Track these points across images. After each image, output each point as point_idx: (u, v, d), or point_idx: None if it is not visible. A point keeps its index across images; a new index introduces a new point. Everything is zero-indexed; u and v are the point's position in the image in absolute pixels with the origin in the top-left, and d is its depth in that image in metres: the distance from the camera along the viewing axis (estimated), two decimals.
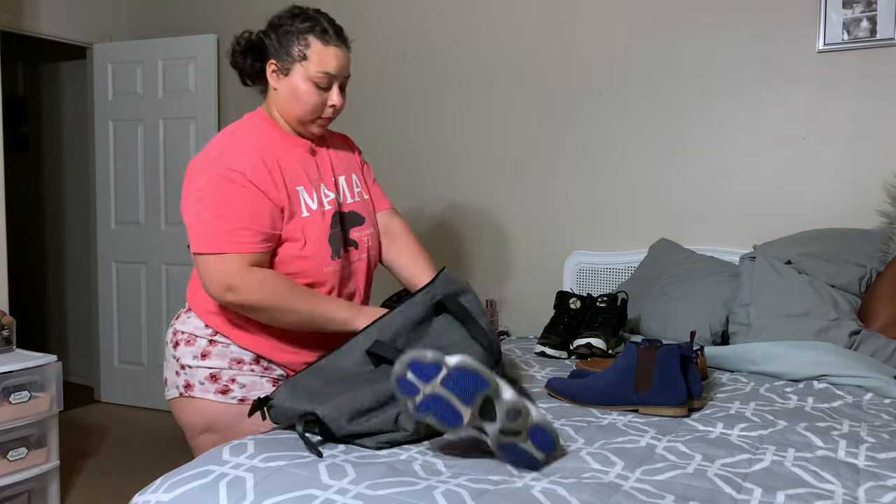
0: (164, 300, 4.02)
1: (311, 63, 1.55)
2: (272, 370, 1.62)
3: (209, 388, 1.59)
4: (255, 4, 3.74)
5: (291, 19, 1.58)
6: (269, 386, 1.61)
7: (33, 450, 2.65)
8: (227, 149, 1.54)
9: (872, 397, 1.70)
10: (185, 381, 1.60)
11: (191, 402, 1.60)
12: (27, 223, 4.94)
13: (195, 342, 1.61)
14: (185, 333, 1.63)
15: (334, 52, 1.57)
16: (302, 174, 1.60)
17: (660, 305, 2.34)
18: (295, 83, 1.57)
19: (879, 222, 2.39)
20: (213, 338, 1.60)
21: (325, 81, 1.57)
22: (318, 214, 1.60)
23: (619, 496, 1.09)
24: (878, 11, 2.38)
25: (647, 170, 2.81)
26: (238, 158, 1.51)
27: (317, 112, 1.60)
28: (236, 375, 1.59)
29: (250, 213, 1.48)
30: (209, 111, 3.84)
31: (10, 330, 2.76)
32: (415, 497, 1.06)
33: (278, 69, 1.58)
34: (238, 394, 1.59)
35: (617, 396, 1.56)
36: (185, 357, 1.61)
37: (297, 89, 1.57)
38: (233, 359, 1.60)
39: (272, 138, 1.60)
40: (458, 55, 3.18)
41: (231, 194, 1.48)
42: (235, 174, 1.49)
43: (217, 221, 1.47)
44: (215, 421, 1.59)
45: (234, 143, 1.55)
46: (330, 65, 1.56)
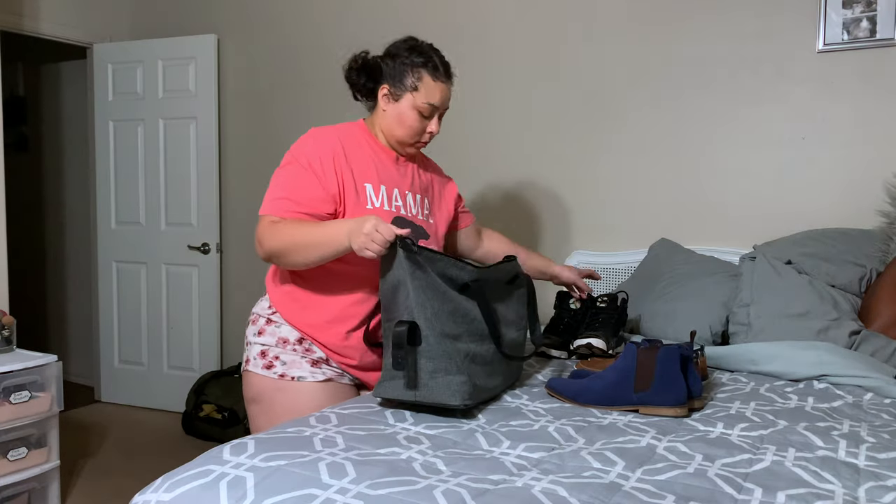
0: (164, 300, 4.02)
1: (419, 94, 1.75)
2: (313, 352, 1.76)
3: (258, 363, 1.77)
4: (255, 4, 3.74)
5: (409, 52, 1.77)
6: (307, 366, 1.75)
7: (33, 450, 2.65)
8: (309, 137, 1.74)
9: (872, 397, 1.70)
10: (246, 356, 1.82)
11: (247, 375, 1.80)
12: (27, 223, 4.94)
13: (258, 321, 1.81)
14: (254, 314, 1.84)
15: (441, 87, 1.78)
16: (373, 174, 1.76)
17: (660, 305, 2.34)
18: (402, 109, 1.76)
19: (879, 222, 2.39)
20: (271, 317, 1.79)
21: (429, 112, 1.77)
22: (383, 211, 1.75)
23: (619, 496, 1.09)
24: (878, 11, 2.38)
25: (647, 170, 2.81)
26: (310, 147, 1.71)
27: (416, 137, 1.79)
28: (280, 353, 1.76)
29: (295, 188, 1.66)
30: (209, 111, 3.84)
31: (10, 330, 2.76)
32: (415, 497, 1.06)
33: (390, 94, 1.77)
34: (279, 370, 1.75)
35: (617, 396, 1.56)
36: (250, 335, 1.82)
37: (404, 115, 1.76)
38: (280, 338, 1.76)
39: (357, 139, 1.78)
40: (458, 55, 3.18)
41: (289, 172, 1.69)
42: (302, 157, 1.69)
43: (272, 191, 1.69)
44: (259, 393, 1.77)
45: (316, 136, 1.74)
46: (436, 98, 1.77)
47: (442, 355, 1.46)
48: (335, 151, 1.71)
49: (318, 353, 1.77)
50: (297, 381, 1.74)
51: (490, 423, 1.47)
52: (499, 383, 1.63)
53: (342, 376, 1.80)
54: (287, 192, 1.66)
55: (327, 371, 1.77)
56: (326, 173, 1.68)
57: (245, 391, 1.83)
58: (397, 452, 1.26)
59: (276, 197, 1.67)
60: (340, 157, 1.72)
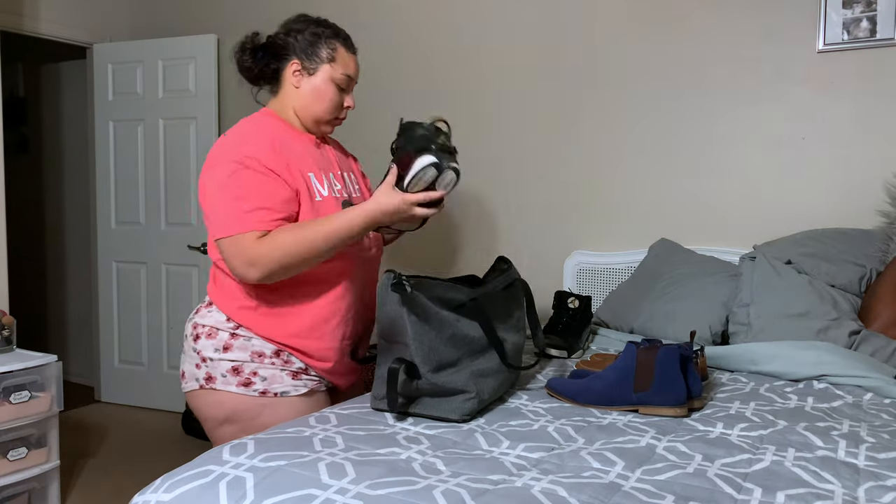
0: (164, 300, 4.02)
1: (336, 66, 1.69)
2: (292, 363, 1.68)
3: (231, 381, 1.64)
4: (255, 4, 3.74)
5: (315, 24, 1.72)
6: (288, 379, 1.66)
7: (33, 450, 2.65)
8: (240, 139, 1.61)
9: (872, 397, 1.70)
10: (206, 373, 1.65)
11: (212, 394, 1.65)
12: (27, 223, 4.94)
13: (217, 335, 1.66)
14: (206, 327, 1.67)
15: (353, 59, 1.73)
16: (311, 162, 1.68)
17: (660, 305, 2.34)
18: (318, 83, 1.69)
19: (879, 222, 2.39)
20: (235, 331, 1.66)
21: (346, 83, 1.71)
22: (331, 199, 1.67)
23: (619, 496, 1.09)
24: (878, 11, 2.38)
25: (647, 170, 2.81)
26: (251, 146, 1.59)
27: (335, 112, 1.72)
28: (258, 368, 1.64)
29: (265, 195, 1.55)
30: (209, 111, 3.84)
31: (10, 330, 2.76)
32: (414, 497, 1.06)
33: (303, 69, 1.70)
34: (259, 386, 1.64)
35: (617, 396, 1.56)
36: (206, 350, 1.65)
37: (320, 89, 1.69)
38: (254, 352, 1.65)
39: (280, 131, 1.69)
40: (457, 55, 3.18)
41: (246, 178, 1.55)
42: (249, 160, 1.57)
43: (234, 204, 1.54)
44: (236, 412, 1.64)
45: (247, 133, 1.63)
46: (351, 68, 1.71)
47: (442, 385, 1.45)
48: (275, 145, 1.61)
49: (297, 363, 1.68)
50: (281, 398, 1.65)
51: (490, 423, 1.47)
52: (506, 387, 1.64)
53: (320, 384, 1.74)
54: (258, 201, 1.54)
55: (308, 382, 1.70)
56: (283, 170, 1.59)
57: (209, 412, 1.66)
58: (397, 452, 1.26)
59: (248, 209, 1.53)
60: (281, 150, 1.62)
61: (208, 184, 1.58)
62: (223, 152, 1.59)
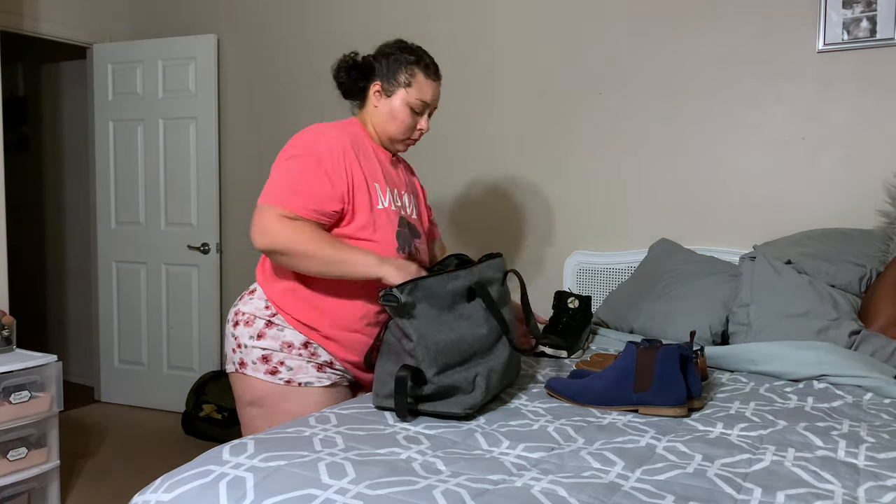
0: (164, 300, 4.02)
1: (412, 90, 1.79)
2: (318, 356, 1.75)
3: (260, 368, 1.73)
4: (255, 4, 3.74)
5: (401, 51, 1.81)
6: (313, 370, 1.74)
7: (33, 450, 2.65)
8: (319, 132, 1.72)
9: (872, 397, 1.70)
10: (240, 358, 1.76)
11: (244, 378, 1.76)
12: (27, 223, 4.94)
13: (253, 323, 1.75)
14: (245, 314, 1.77)
15: (432, 85, 1.82)
16: (380, 174, 1.78)
17: (660, 305, 2.34)
18: (394, 105, 1.79)
19: (879, 222, 2.39)
20: (271, 319, 1.75)
21: (421, 108, 1.81)
22: (390, 211, 1.77)
23: (619, 496, 1.09)
24: (878, 11, 2.38)
25: (646, 170, 2.81)
26: (321, 143, 1.69)
27: (408, 133, 1.82)
28: (285, 359, 1.73)
29: (305, 183, 1.64)
30: (209, 111, 3.84)
31: (10, 330, 2.76)
32: (414, 497, 1.06)
33: (382, 90, 1.80)
34: (285, 376, 1.73)
35: (617, 396, 1.56)
36: (242, 336, 1.76)
37: (396, 110, 1.79)
38: (284, 342, 1.73)
39: (362, 139, 1.80)
40: (457, 54, 3.18)
41: (300, 165, 1.66)
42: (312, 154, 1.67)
43: (280, 180, 1.65)
44: (261, 397, 1.75)
45: (324, 133, 1.72)
46: (427, 95, 1.81)
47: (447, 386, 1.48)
48: (345, 149, 1.71)
49: (324, 356, 1.75)
50: (305, 387, 1.73)
51: (489, 423, 1.47)
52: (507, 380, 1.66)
53: (343, 378, 1.80)
54: (297, 186, 1.63)
55: (332, 375, 1.76)
56: (337, 171, 1.67)
57: (241, 393, 1.79)
58: (397, 452, 1.26)
59: (286, 190, 1.63)
60: (351, 155, 1.71)
61: (276, 160, 1.71)
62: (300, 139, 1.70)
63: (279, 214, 1.61)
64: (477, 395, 1.49)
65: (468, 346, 1.55)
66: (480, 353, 1.58)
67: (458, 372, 1.51)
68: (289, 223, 1.60)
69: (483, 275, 1.68)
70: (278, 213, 1.61)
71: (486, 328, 1.60)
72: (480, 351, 1.58)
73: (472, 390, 1.50)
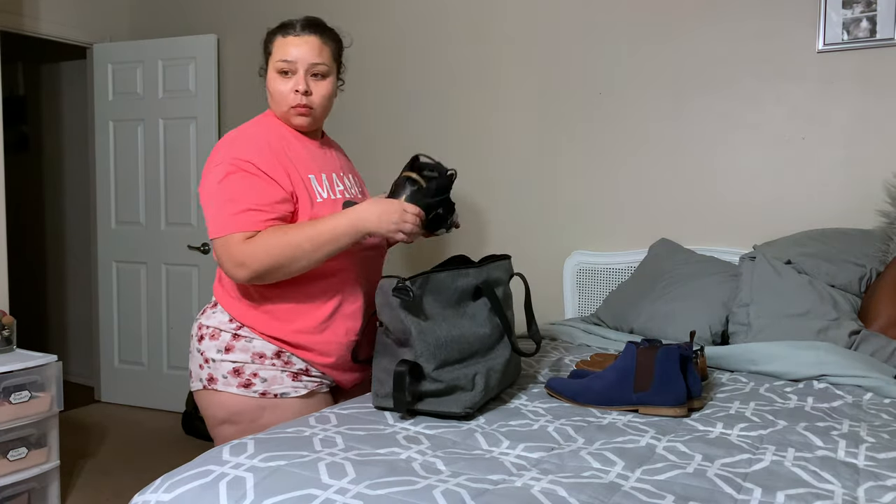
0: (164, 300, 4.02)
1: (274, 56, 1.70)
2: (292, 364, 1.68)
3: (231, 382, 1.65)
4: (255, 4, 3.74)
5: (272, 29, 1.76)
6: (288, 380, 1.67)
7: (33, 450, 2.65)
8: (235, 141, 1.64)
9: (872, 397, 1.70)
10: (208, 374, 1.68)
11: (214, 395, 1.67)
12: (27, 223, 4.94)
13: (220, 336, 1.68)
14: (209, 328, 1.69)
15: (292, 41, 1.69)
16: (311, 164, 1.70)
17: (660, 305, 2.34)
18: (269, 79, 1.71)
19: (879, 222, 2.39)
20: (237, 332, 1.67)
21: (287, 68, 1.67)
22: (331, 201, 1.69)
23: (619, 496, 1.09)
24: (878, 11, 2.38)
25: (646, 170, 2.81)
26: (244, 148, 1.61)
27: (286, 100, 1.68)
28: (258, 370, 1.65)
29: (256, 195, 1.56)
30: (209, 111, 3.84)
31: (10, 330, 2.76)
32: (414, 497, 1.06)
33: (263, 73, 1.75)
34: (259, 388, 1.65)
35: (617, 397, 1.56)
36: (209, 351, 1.68)
37: (269, 84, 1.71)
38: (255, 353, 1.66)
39: (281, 132, 1.71)
40: (458, 54, 3.18)
41: (238, 181, 1.57)
42: (242, 162, 1.59)
43: (226, 207, 1.56)
44: (236, 413, 1.66)
45: (242, 136, 1.65)
46: (287, 53, 1.68)
47: (445, 383, 1.47)
48: (272, 147, 1.63)
49: (298, 363, 1.68)
50: (281, 399, 1.66)
51: (489, 423, 1.47)
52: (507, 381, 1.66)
53: (321, 385, 1.73)
54: (249, 202, 1.55)
55: (308, 383, 1.70)
56: (275, 169, 1.60)
57: (213, 411, 1.68)
58: (397, 452, 1.26)
59: (237, 211, 1.54)
60: (281, 153, 1.64)
61: (205, 186, 1.62)
62: (219, 155, 1.62)
63: (241, 239, 1.54)
64: (476, 393, 1.49)
65: (469, 345, 1.54)
66: (481, 352, 1.58)
67: (458, 369, 1.50)
68: (254, 242, 1.53)
69: (491, 275, 1.68)
70: (240, 239, 1.54)
71: (488, 328, 1.60)
72: (481, 350, 1.58)
73: (472, 388, 1.50)
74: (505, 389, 1.71)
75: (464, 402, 1.47)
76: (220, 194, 1.57)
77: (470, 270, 1.62)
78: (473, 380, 1.51)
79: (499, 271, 1.72)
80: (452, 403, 1.47)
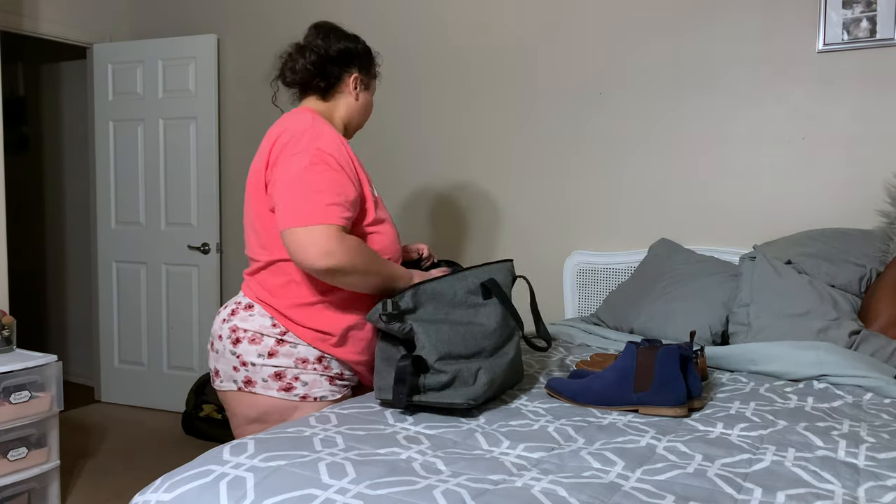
0: (164, 300, 4.02)
1: (375, 84, 1.88)
2: (331, 369, 1.72)
3: (272, 385, 1.68)
4: (255, 4, 3.74)
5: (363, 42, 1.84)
6: (327, 384, 1.71)
7: (33, 450, 2.65)
8: (316, 134, 1.65)
9: (872, 397, 1.70)
10: (245, 377, 1.69)
11: (249, 397, 1.70)
12: (27, 223, 4.94)
13: (262, 341, 1.68)
14: (248, 331, 1.69)
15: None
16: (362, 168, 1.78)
17: (660, 305, 2.34)
18: (369, 97, 1.85)
19: (879, 222, 2.39)
20: (282, 337, 1.69)
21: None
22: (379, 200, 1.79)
23: (619, 496, 1.09)
24: (878, 11, 2.38)
25: (647, 170, 2.81)
26: (327, 142, 1.64)
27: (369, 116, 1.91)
28: (300, 374, 1.69)
29: (339, 191, 1.60)
30: (209, 111, 3.84)
31: (10, 330, 2.76)
32: (415, 497, 1.06)
33: (361, 82, 1.82)
34: (300, 391, 1.69)
35: (617, 397, 1.56)
36: (248, 354, 1.68)
37: (370, 103, 1.86)
38: (298, 358, 1.69)
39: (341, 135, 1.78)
40: (458, 54, 3.18)
41: (322, 173, 1.60)
42: (327, 156, 1.62)
43: (315, 196, 1.57)
44: (267, 413, 1.70)
45: (320, 130, 1.66)
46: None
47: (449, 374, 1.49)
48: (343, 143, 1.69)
49: (335, 367, 1.72)
50: (319, 401, 1.71)
51: (490, 423, 1.47)
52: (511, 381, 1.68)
53: (349, 387, 1.79)
54: (334, 197, 1.58)
55: (342, 388, 1.75)
56: (351, 170, 1.65)
57: (244, 410, 1.71)
58: (397, 452, 1.26)
59: (328, 203, 1.57)
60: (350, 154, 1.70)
61: (285, 172, 1.61)
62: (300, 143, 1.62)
63: (335, 232, 1.56)
64: (479, 387, 1.50)
65: (475, 341, 1.56)
66: (488, 350, 1.59)
67: (462, 363, 1.52)
68: (347, 241, 1.56)
69: (492, 274, 1.71)
70: (334, 231, 1.56)
71: (496, 324, 1.62)
72: (488, 349, 1.59)
73: (474, 382, 1.51)
74: (507, 391, 1.71)
75: (466, 395, 1.48)
76: (305, 184, 1.58)
77: (466, 273, 1.65)
78: (476, 374, 1.52)
79: (501, 274, 1.74)
80: (455, 395, 1.48)
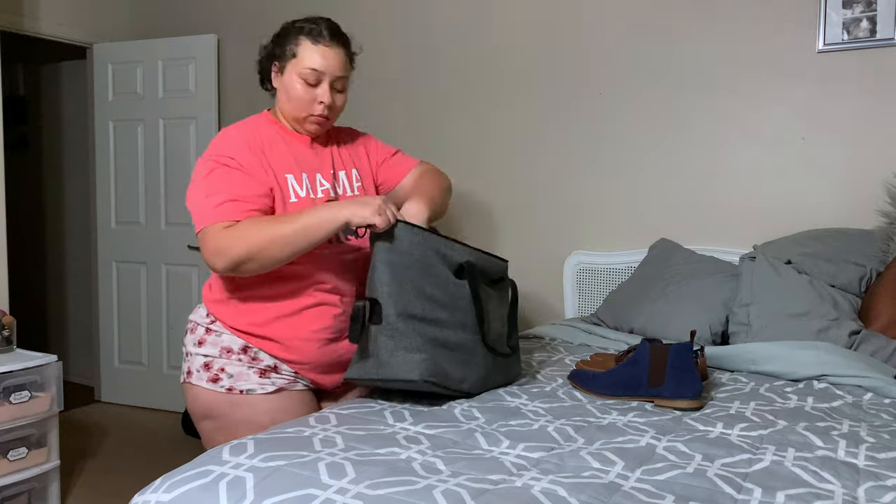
0: (164, 300, 4.02)
1: (299, 60, 1.65)
2: (259, 360, 1.66)
3: (203, 376, 1.67)
4: (255, 4, 3.74)
5: (292, 23, 1.71)
6: (255, 377, 1.65)
7: (33, 450, 2.65)
8: (218, 141, 1.67)
9: (872, 397, 1.70)
10: (187, 367, 1.71)
11: (190, 389, 1.70)
12: (27, 223, 4.94)
13: (196, 330, 1.71)
14: (191, 322, 1.74)
15: (322, 51, 1.65)
16: (291, 163, 1.69)
17: (660, 305, 2.34)
18: (287, 80, 1.67)
19: (879, 222, 2.39)
20: (210, 326, 1.69)
21: (313, 78, 1.65)
22: (308, 201, 1.67)
23: (619, 496, 1.09)
24: (878, 11, 2.38)
25: (646, 170, 2.81)
26: (225, 146, 1.64)
27: (306, 108, 1.67)
28: (225, 365, 1.66)
29: (235, 189, 1.58)
30: (209, 111, 3.84)
31: (10, 330, 2.76)
32: (414, 497, 1.06)
33: (278, 69, 1.71)
34: (226, 383, 1.65)
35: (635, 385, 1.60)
36: (188, 344, 1.72)
37: (289, 86, 1.67)
38: (223, 347, 1.67)
39: (266, 132, 1.71)
40: (458, 54, 3.18)
41: (219, 175, 1.60)
42: (223, 158, 1.62)
43: (206, 200, 1.58)
44: (210, 408, 1.67)
45: (223, 137, 1.68)
46: (316, 62, 1.64)
47: (402, 334, 1.49)
48: (251, 146, 1.64)
49: (266, 360, 1.66)
50: (247, 395, 1.64)
51: (489, 423, 1.47)
52: (478, 377, 1.62)
53: (295, 383, 1.69)
54: (228, 195, 1.56)
55: (277, 380, 1.66)
56: (255, 168, 1.61)
57: (192, 406, 1.70)
58: (397, 452, 1.26)
59: (218, 203, 1.55)
60: (258, 151, 1.64)
61: (191, 185, 1.65)
62: (205, 156, 1.65)
63: (220, 229, 1.54)
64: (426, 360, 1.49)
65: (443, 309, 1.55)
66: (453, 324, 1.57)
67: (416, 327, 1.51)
68: (232, 230, 1.53)
69: (479, 262, 1.67)
70: (219, 228, 1.54)
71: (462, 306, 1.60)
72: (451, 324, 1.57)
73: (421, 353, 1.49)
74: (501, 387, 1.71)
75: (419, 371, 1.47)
76: (201, 189, 1.60)
77: (456, 245, 1.62)
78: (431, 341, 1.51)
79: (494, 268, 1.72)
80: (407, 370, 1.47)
